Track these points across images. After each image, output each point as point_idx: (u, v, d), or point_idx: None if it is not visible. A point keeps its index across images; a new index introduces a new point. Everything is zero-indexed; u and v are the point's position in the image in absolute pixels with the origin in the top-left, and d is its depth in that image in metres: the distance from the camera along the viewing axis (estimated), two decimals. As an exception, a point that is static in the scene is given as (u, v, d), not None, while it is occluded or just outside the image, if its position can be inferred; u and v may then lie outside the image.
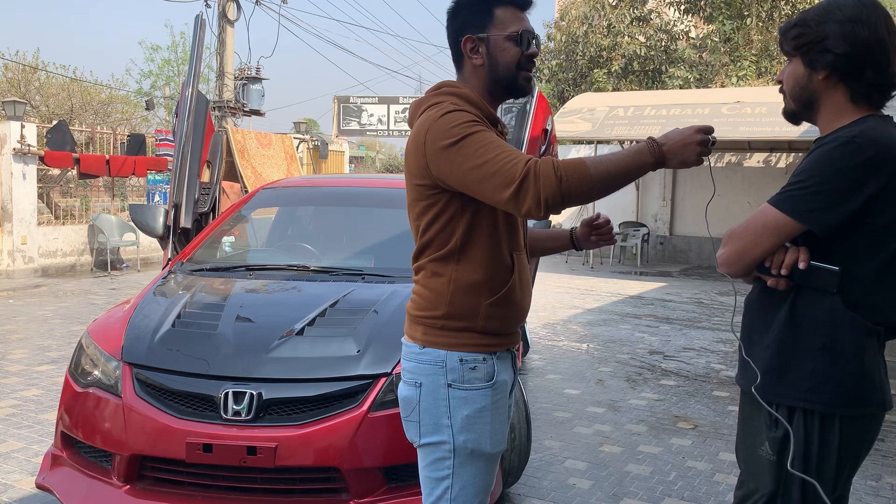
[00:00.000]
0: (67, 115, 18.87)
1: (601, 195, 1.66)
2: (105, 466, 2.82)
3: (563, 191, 1.60)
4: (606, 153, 1.70)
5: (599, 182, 1.62)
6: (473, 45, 1.85)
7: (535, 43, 1.87)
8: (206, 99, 4.71)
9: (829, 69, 1.70)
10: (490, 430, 1.84)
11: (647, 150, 1.63)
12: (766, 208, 1.70)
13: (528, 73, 1.88)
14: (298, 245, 4.21)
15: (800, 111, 1.81)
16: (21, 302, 8.86)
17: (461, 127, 1.70)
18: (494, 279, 1.82)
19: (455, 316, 1.82)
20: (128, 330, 3.04)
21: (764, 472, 1.77)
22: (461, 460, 1.83)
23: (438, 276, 1.84)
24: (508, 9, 1.85)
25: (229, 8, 14.03)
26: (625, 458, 4.06)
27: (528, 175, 1.60)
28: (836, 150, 1.63)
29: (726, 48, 16.28)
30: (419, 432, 1.87)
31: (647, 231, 14.28)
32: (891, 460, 4.10)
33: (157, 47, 29.59)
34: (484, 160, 1.65)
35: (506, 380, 1.90)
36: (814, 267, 1.68)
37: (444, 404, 1.83)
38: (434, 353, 1.84)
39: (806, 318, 1.70)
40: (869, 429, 1.75)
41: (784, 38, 1.79)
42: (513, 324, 1.91)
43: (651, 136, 1.65)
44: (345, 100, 22.51)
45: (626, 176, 1.65)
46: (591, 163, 1.63)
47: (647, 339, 7.34)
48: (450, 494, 1.84)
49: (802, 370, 1.70)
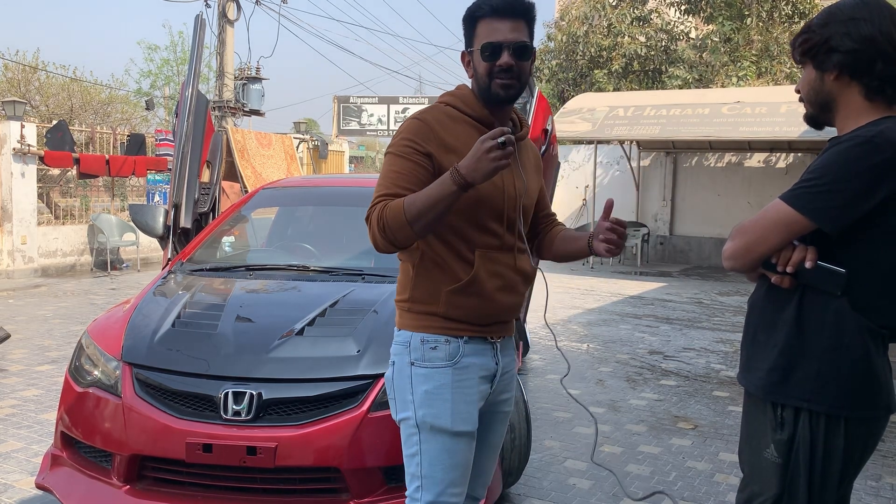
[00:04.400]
0: (67, 115, 18.87)
1: (424, 231, 1.82)
2: (105, 466, 2.82)
3: (388, 237, 1.82)
4: (423, 190, 1.80)
5: (415, 222, 1.78)
6: (466, 59, 2.01)
7: (509, 52, 1.91)
8: (205, 99, 4.71)
9: (838, 68, 1.71)
10: (451, 407, 1.92)
11: (449, 178, 1.76)
12: (776, 204, 1.69)
13: (503, 81, 1.93)
14: (298, 245, 4.20)
15: (818, 115, 1.81)
16: (21, 302, 8.86)
17: (395, 143, 1.93)
18: (454, 270, 1.93)
19: (419, 300, 1.96)
20: (128, 330, 3.04)
21: (769, 475, 1.76)
22: (426, 436, 1.93)
23: (405, 263, 2.01)
24: (486, 21, 1.93)
25: (229, 8, 14.03)
26: (625, 458, 4.06)
27: (368, 218, 1.85)
28: (853, 150, 1.62)
29: (726, 48, 16.27)
30: (395, 409, 2.01)
31: (647, 231, 14.27)
32: (891, 460, 4.10)
33: (155, 47, 29.63)
34: (378, 183, 1.90)
35: (475, 363, 1.96)
36: (820, 267, 1.66)
37: (409, 381, 1.95)
38: (403, 334, 1.99)
39: (812, 318, 1.70)
40: (873, 431, 1.74)
41: (794, 48, 1.81)
42: (483, 315, 1.97)
43: (455, 165, 1.76)
44: (345, 100, 22.51)
45: (436, 207, 1.77)
46: (407, 204, 1.79)
47: (647, 339, 7.34)
48: (420, 470, 1.95)
49: (808, 371, 1.69)
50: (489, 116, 1.99)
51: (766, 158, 13.99)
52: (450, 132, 1.94)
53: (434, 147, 1.90)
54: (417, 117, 1.96)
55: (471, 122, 1.99)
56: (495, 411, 2.11)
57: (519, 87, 1.97)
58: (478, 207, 1.91)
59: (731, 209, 13.93)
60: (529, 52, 1.95)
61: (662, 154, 14.80)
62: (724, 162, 14.39)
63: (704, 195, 14.48)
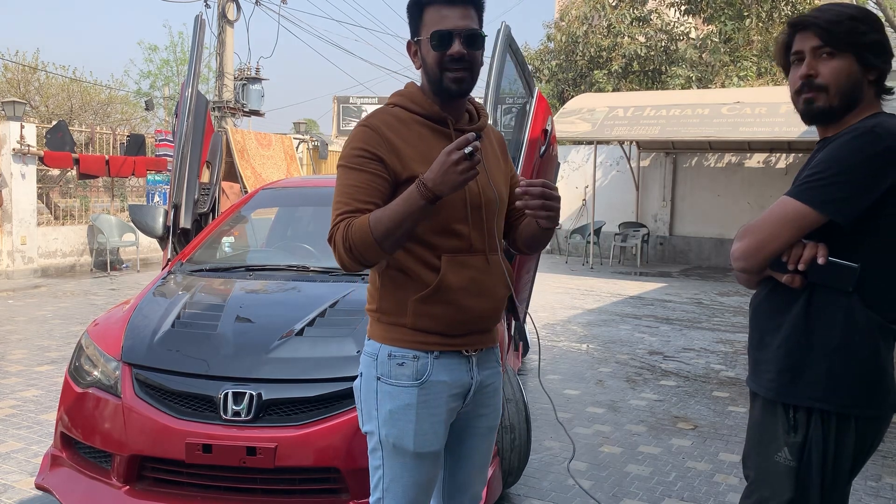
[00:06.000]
0: (67, 115, 18.88)
1: (393, 248, 1.76)
2: (104, 467, 2.82)
3: (355, 258, 1.76)
4: (389, 205, 1.74)
5: (383, 241, 1.72)
6: (414, 49, 1.90)
7: (460, 40, 1.80)
8: (205, 99, 4.71)
9: (881, 70, 1.72)
10: (414, 428, 1.85)
11: (416, 192, 1.69)
12: (784, 200, 1.68)
13: (456, 73, 1.82)
14: (298, 245, 4.20)
15: (840, 110, 1.74)
16: (21, 302, 8.86)
17: (346, 154, 1.84)
18: (420, 278, 1.84)
19: (387, 310, 1.89)
20: (127, 330, 3.04)
21: (781, 479, 1.72)
22: (388, 453, 1.88)
23: (372, 272, 1.94)
24: (434, 8, 1.83)
25: (229, 8, 14.03)
26: (625, 458, 4.06)
27: (332, 238, 1.78)
28: (854, 141, 1.63)
29: (726, 48, 16.28)
30: (361, 420, 1.95)
31: (647, 231, 14.28)
32: (891, 460, 4.10)
33: (154, 48, 29.65)
34: (335, 200, 1.82)
35: (444, 381, 1.87)
36: (832, 263, 1.65)
37: (374, 396, 1.89)
38: (372, 344, 1.92)
39: (821, 317, 1.68)
40: (880, 430, 1.74)
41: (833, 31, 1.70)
42: (455, 325, 1.86)
43: (420, 177, 1.70)
44: (344, 100, 22.54)
45: (403, 224, 1.71)
46: (373, 222, 1.72)
47: (646, 339, 7.34)
48: (383, 484, 1.90)
49: (819, 370, 1.68)
50: (440, 112, 1.88)
51: (765, 159, 13.99)
52: (399, 135, 1.84)
53: (385, 151, 1.81)
54: (364, 124, 1.85)
55: (422, 120, 1.88)
56: (473, 426, 2.00)
57: (471, 79, 1.86)
58: (438, 210, 1.77)
59: (730, 209, 13.93)
60: (481, 41, 1.85)
61: (662, 154, 14.80)
62: (723, 162, 14.39)
63: (704, 195, 14.48)
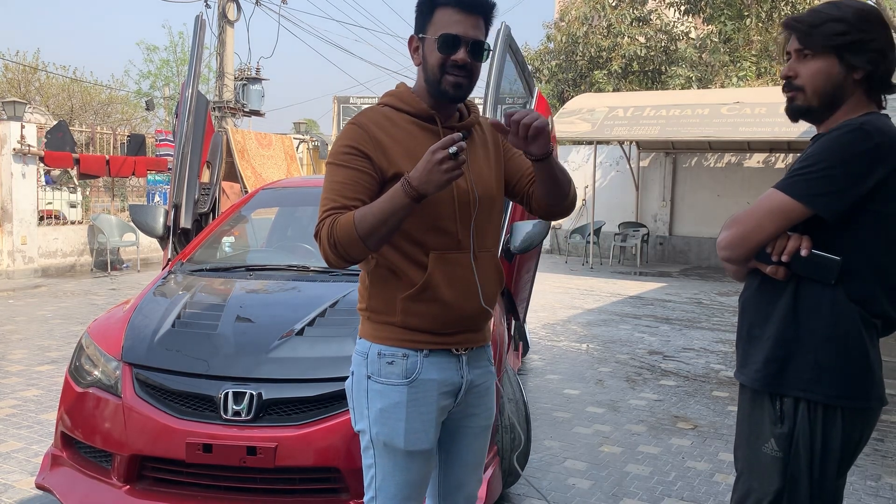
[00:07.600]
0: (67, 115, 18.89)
1: (378, 245, 1.76)
2: (105, 466, 2.82)
3: (339, 254, 1.76)
4: (374, 202, 1.74)
5: (368, 238, 1.72)
6: (415, 45, 1.90)
7: (467, 49, 1.81)
8: (205, 99, 4.71)
9: (867, 70, 1.71)
10: (404, 426, 1.86)
11: (401, 190, 1.69)
12: (771, 193, 1.70)
13: (456, 78, 1.83)
14: (298, 245, 4.20)
15: (821, 109, 1.76)
16: (21, 302, 8.86)
17: (334, 152, 1.86)
18: (408, 276, 1.84)
19: (376, 309, 1.90)
20: (128, 330, 3.04)
21: (768, 470, 1.75)
22: (380, 452, 1.89)
23: (362, 271, 1.95)
24: (448, 10, 1.82)
25: (229, 8, 14.04)
26: (624, 458, 4.06)
27: (318, 234, 1.79)
28: (844, 136, 1.64)
29: (726, 48, 16.28)
30: (354, 419, 1.96)
31: (647, 231, 14.28)
32: (890, 460, 4.10)
33: (154, 48, 29.64)
34: (322, 196, 1.84)
35: (434, 379, 1.87)
36: (815, 256, 1.67)
37: (365, 395, 1.90)
38: (362, 343, 1.94)
39: (808, 309, 1.70)
40: (868, 423, 1.75)
41: (811, 33, 1.73)
42: (444, 323, 1.87)
43: (405, 176, 1.70)
44: (345, 100, 22.55)
45: (388, 221, 1.72)
46: (358, 219, 1.72)
47: (646, 339, 7.34)
48: (375, 483, 1.92)
49: (805, 361, 1.70)
50: (428, 111, 1.89)
51: (765, 159, 14.00)
52: (387, 132, 1.85)
53: (371, 149, 1.82)
54: (354, 122, 1.87)
55: (410, 119, 1.89)
56: (466, 425, 2.00)
57: (469, 86, 1.87)
58: (426, 207, 1.78)
59: (730, 209, 13.89)
60: (485, 54, 1.86)
61: (662, 154, 14.81)
62: (723, 162, 14.40)
63: (704, 195, 14.48)
